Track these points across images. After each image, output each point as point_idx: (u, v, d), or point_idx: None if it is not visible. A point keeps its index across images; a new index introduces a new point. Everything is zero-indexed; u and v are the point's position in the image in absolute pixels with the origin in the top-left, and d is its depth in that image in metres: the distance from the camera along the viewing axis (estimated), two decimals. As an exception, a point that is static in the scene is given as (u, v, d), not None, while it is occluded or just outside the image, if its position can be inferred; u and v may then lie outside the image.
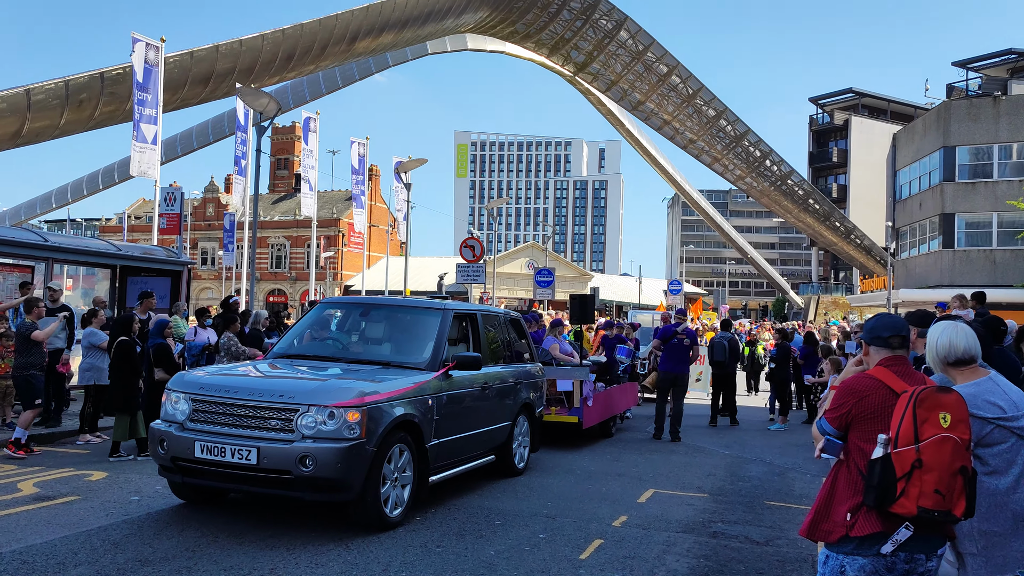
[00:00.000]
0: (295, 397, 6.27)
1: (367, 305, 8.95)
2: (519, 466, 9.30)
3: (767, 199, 63.30)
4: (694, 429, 14.45)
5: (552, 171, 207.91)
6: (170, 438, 6.47)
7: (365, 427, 6.25)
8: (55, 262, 14.14)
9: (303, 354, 7.90)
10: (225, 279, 62.49)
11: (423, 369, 7.43)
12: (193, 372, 7.20)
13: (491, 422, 8.55)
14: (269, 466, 6.10)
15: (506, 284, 61.76)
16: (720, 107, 52.94)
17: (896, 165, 44.30)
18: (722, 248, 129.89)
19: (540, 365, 10.44)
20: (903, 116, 67.35)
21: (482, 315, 9.05)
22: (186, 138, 49.63)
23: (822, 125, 74.78)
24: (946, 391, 3.20)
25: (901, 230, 43.24)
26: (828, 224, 61.54)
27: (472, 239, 23.00)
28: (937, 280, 37.44)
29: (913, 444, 3.12)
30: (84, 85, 26.70)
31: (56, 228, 73.11)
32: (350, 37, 37.46)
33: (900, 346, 3.42)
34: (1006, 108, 36.48)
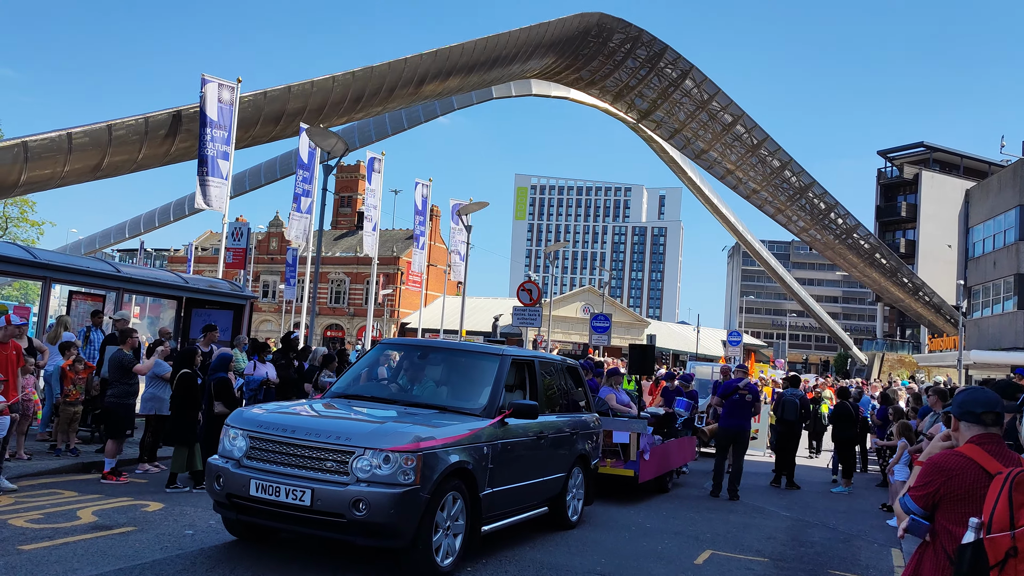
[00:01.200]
0: (351, 439, 6.22)
1: (426, 347, 8.87)
2: (572, 519, 9.06)
3: (831, 252, 62.08)
4: (753, 488, 14.00)
5: (611, 216, 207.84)
6: (227, 474, 6.46)
7: (420, 473, 6.17)
8: (125, 292, 14.52)
9: (360, 394, 7.87)
10: (285, 312, 63.56)
11: (479, 415, 7.33)
12: (252, 409, 7.19)
13: (545, 472, 8.35)
14: (322, 508, 6.03)
15: (561, 328, 61.50)
16: (785, 158, 52.37)
17: (969, 222, 43.12)
18: (783, 300, 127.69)
19: (597, 415, 10.22)
20: (976, 172, 65.73)
21: (540, 362, 8.91)
22: (255, 174, 50.99)
23: (891, 179, 73.38)
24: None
25: (973, 289, 41.89)
26: (895, 280, 59.99)
27: (530, 283, 22.99)
28: (1012, 342, 36.05)
29: (1009, 530, 2.91)
30: (163, 122, 27.67)
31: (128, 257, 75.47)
32: (418, 80, 38.20)
33: (993, 423, 3.22)
34: (1086, 167, 35.30)
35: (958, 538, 3.04)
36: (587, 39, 44.24)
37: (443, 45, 37.77)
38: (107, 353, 11.77)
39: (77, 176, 28.15)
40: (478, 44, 38.48)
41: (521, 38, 40.02)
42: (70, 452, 11.18)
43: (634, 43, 45.79)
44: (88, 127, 26.76)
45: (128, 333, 11.12)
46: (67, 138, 26.12)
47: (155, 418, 10.84)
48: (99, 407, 11.95)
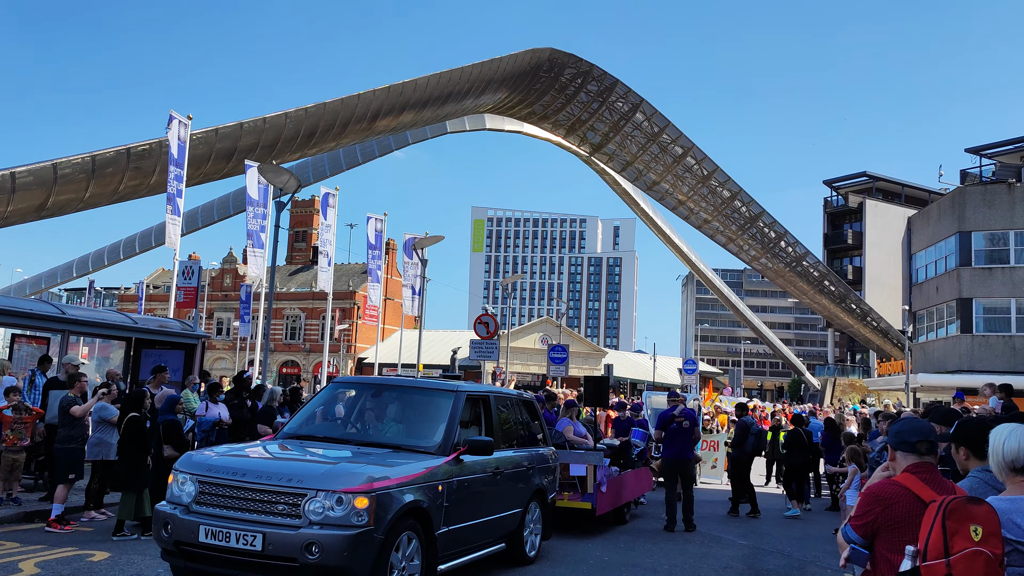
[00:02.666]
0: (303, 481, 6.14)
1: (379, 385, 8.82)
2: (530, 555, 9.01)
3: (782, 280, 63.25)
4: (710, 516, 14.10)
5: (567, 247, 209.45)
6: (175, 521, 6.31)
7: (374, 514, 6.09)
8: (71, 334, 14.21)
9: (313, 435, 7.78)
10: (239, 349, 62.60)
11: (434, 453, 7.28)
12: (202, 452, 7.07)
13: (502, 509, 8.32)
14: (274, 553, 5.93)
15: (519, 359, 61.51)
16: (735, 188, 53.41)
17: (912, 249, 44.33)
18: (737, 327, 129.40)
19: (553, 449, 10.20)
20: (917, 200, 67.71)
21: (495, 397, 8.90)
22: (207, 211, 50.45)
23: (836, 207, 75.20)
24: (977, 502, 3.09)
25: (918, 314, 42.97)
26: (844, 306, 61.27)
27: (487, 315, 23.04)
28: (956, 365, 36.99)
29: (943, 557, 2.99)
30: (111, 160, 27.30)
31: (76, 297, 73.87)
32: (371, 116, 38.31)
33: (927, 452, 3.33)
34: (1021, 195, 36.64)
35: (896, 566, 3.12)
36: (539, 74, 44.86)
37: (397, 81, 38.00)
38: (51, 398, 11.50)
39: (21, 216, 27.59)
40: (431, 80, 38.78)
41: (474, 73, 40.44)
42: (12, 501, 10.85)
43: (585, 77, 46.53)
44: (32, 166, 26.31)
45: (76, 377, 10.91)
46: (10, 177, 25.64)
47: (102, 463, 10.58)
48: (43, 453, 11.65)
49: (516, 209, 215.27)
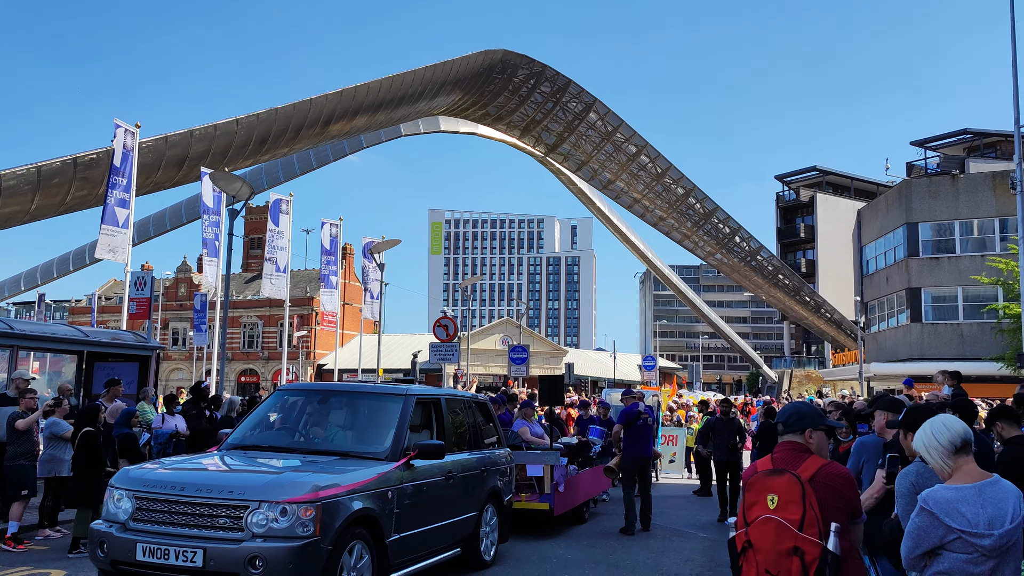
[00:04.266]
0: (245, 493, 5.95)
1: (326, 391, 8.67)
2: (487, 558, 8.88)
3: (737, 275, 64.18)
4: (672, 511, 14.26)
5: (525, 247, 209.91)
6: (110, 540, 6.06)
7: (320, 524, 5.93)
8: (20, 349, 13.89)
9: (258, 444, 7.56)
10: (196, 359, 61.66)
11: (383, 459, 7.11)
12: (140, 467, 6.81)
13: (456, 513, 8.18)
14: (216, 569, 5.73)
15: (480, 360, 61.53)
16: (688, 185, 54.06)
17: (862, 240, 45.28)
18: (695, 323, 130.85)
19: (508, 451, 10.12)
20: (866, 193, 69.16)
21: (446, 399, 8.75)
22: (159, 220, 49.65)
23: (788, 202, 76.49)
24: (778, 473, 3.31)
25: (870, 304, 43.91)
26: (798, 299, 62.35)
27: (446, 318, 22.97)
28: (907, 354, 37.88)
29: (744, 527, 3.27)
30: (57, 171, 26.74)
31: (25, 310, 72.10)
32: (324, 121, 38.05)
33: (783, 432, 3.55)
34: (964, 186, 37.66)
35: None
36: (492, 75, 44.94)
37: (349, 85, 37.78)
38: (1, 415, 11.23)
39: (-35, 229, 26.89)
40: (384, 83, 38.63)
41: (427, 76, 40.37)
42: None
43: (538, 78, 46.73)
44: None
45: (24, 392, 10.68)
46: (-47, 190, 24.99)
47: (55, 480, 10.38)
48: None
49: (474, 211, 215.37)
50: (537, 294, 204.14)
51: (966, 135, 56.45)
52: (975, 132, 56.04)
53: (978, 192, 37.00)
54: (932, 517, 3.48)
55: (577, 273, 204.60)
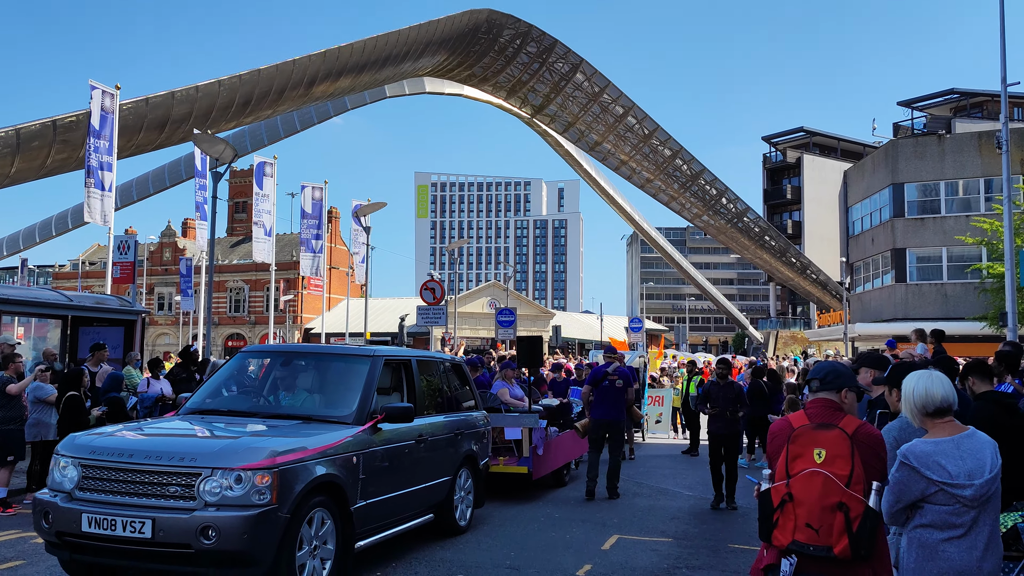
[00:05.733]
0: (197, 460, 5.64)
1: (290, 353, 8.38)
2: (462, 524, 8.63)
3: (724, 236, 64.28)
4: (657, 469, 14.42)
5: (512, 211, 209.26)
6: (55, 510, 5.77)
7: (277, 491, 5.64)
8: (4, 314, 13.79)
9: (217, 409, 7.22)
10: (183, 324, 61.49)
11: (348, 423, 6.79)
12: (87, 433, 6.48)
13: (428, 478, 7.89)
14: (166, 539, 5.45)
15: (468, 324, 61.60)
16: (676, 147, 53.87)
17: (848, 201, 45.38)
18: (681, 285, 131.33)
19: (485, 413, 9.80)
20: (852, 154, 69.17)
21: (417, 361, 8.41)
22: (142, 183, 49.10)
23: (775, 163, 76.44)
24: (827, 427, 3.29)
25: (855, 265, 44.14)
26: (784, 260, 62.60)
27: (433, 281, 22.95)
28: (891, 314, 38.19)
29: (785, 479, 3.25)
30: (36, 133, 26.31)
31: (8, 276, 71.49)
32: (307, 82, 37.56)
33: (819, 389, 3.53)
34: (950, 146, 37.69)
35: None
36: (477, 36, 44.40)
37: (333, 46, 37.24)
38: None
39: (-56, 193, 26.52)
40: (368, 43, 38.10)
41: (411, 36, 39.83)
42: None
43: (524, 38, 46.21)
44: (-47, 141, 25.24)
45: (11, 357, 10.60)
46: (-70, 153, 24.58)
47: (41, 444, 10.37)
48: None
49: (460, 173, 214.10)
50: (524, 257, 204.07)
51: (953, 95, 56.38)
52: (962, 92, 55.97)
53: (964, 152, 37.06)
54: (912, 471, 3.52)
55: (564, 236, 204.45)
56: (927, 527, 3.54)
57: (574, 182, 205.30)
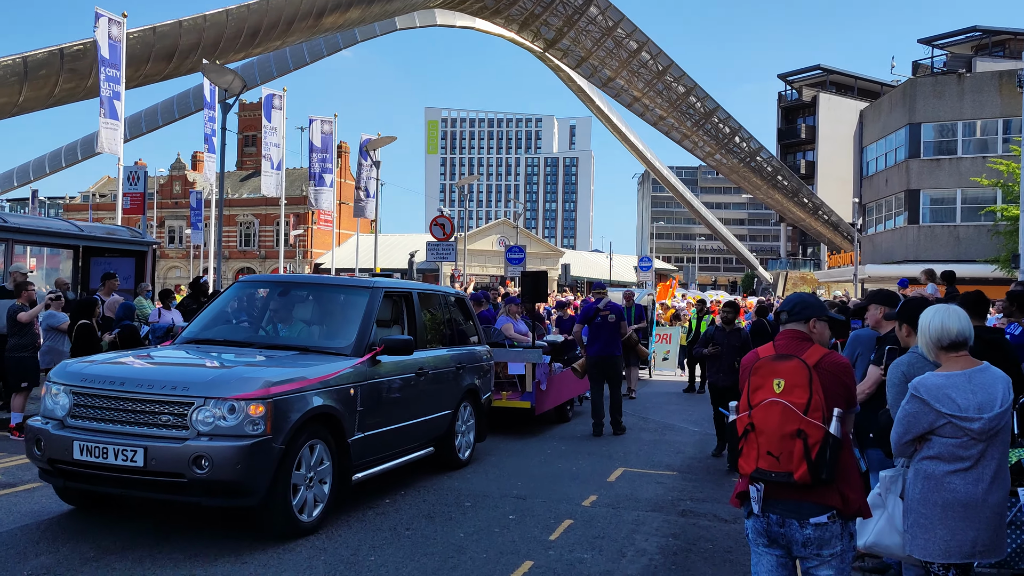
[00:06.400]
0: (189, 389, 5.57)
1: (288, 283, 8.19)
2: (463, 457, 8.61)
3: (736, 176, 63.64)
4: (664, 405, 14.55)
5: (523, 148, 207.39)
6: (47, 437, 5.73)
7: (271, 422, 5.56)
8: (15, 243, 13.82)
9: (213, 339, 7.10)
10: (193, 258, 61.72)
11: (346, 355, 6.69)
12: (80, 360, 6.41)
13: (428, 411, 7.82)
14: (158, 468, 5.41)
15: (477, 261, 61.64)
16: (690, 84, 52.96)
17: (863, 142, 44.73)
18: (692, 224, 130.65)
19: (488, 348, 9.69)
20: (870, 93, 67.90)
21: (418, 294, 8.27)
22: (151, 115, 48.73)
23: (790, 102, 75.19)
24: (786, 359, 3.34)
25: (868, 206, 43.74)
26: (796, 200, 62.06)
27: (442, 217, 22.85)
28: (902, 256, 37.99)
29: (747, 410, 3.33)
30: (43, 61, 26.02)
31: (19, 207, 71.57)
32: (316, 12, 36.86)
33: (787, 320, 3.56)
34: (970, 85, 36.94)
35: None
36: (490, -35, 43.35)
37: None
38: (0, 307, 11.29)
39: (-48, 122, 26.41)
40: (378, -28, 37.26)
41: (422, -35, 38.91)
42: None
43: (538, -31, 45.08)
44: (-40, 69, 25.01)
45: (24, 285, 10.68)
46: (-62, 81, 24.39)
47: (56, 372, 10.50)
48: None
49: (471, 109, 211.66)
50: (534, 195, 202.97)
51: (975, 33, 54.99)
52: (984, 30, 54.56)
53: (983, 92, 36.33)
54: (923, 403, 3.54)
55: (575, 174, 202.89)
56: (934, 459, 3.58)
57: (586, 119, 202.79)
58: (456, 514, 6.79)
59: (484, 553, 5.77)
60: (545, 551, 5.88)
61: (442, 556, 5.67)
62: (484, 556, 5.70)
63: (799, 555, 3.30)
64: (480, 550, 5.83)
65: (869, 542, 3.96)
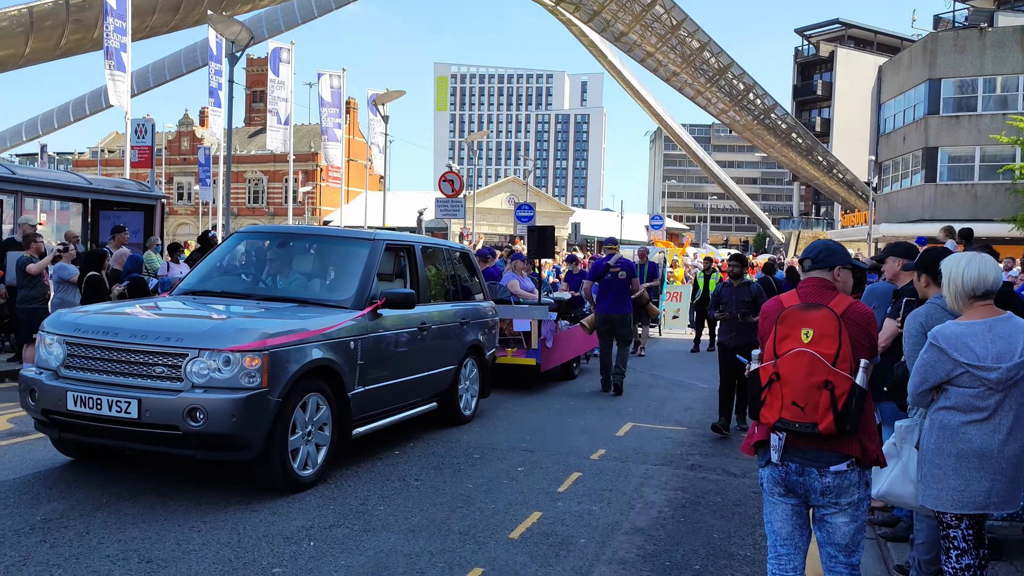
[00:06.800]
0: (184, 340, 5.46)
1: (288, 235, 8.09)
2: (466, 413, 8.54)
3: (750, 133, 62.87)
4: (673, 362, 14.52)
5: (534, 104, 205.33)
6: (41, 387, 5.67)
7: (267, 374, 5.46)
8: (25, 195, 13.80)
9: (211, 290, 7.00)
10: (202, 214, 61.74)
11: (347, 307, 6.59)
12: (75, 310, 6.33)
13: (431, 366, 7.75)
14: (152, 420, 5.35)
15: (486, 219, 61.41)
16: (704, 39, 52.06)
17: (881, 98, 44.01)
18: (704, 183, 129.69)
19: (492, 304, 9.64)
20: (890, 48, 66.68)
21: (422, 247, 8.15)
22: (158, 69, 48.34)
23: (807, 57, 73.93)
24: (814, 308, 3.25)
25: (884, 164, 43.19)
26: (810, 159, 61.34)
27: (451, 173, 22.68)
28: (918, 215, 37.58)
29: (772, 359, 3.25)
30: (49, 12, 25.75)
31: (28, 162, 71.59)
32: (325, -37, 36.31)
33: (809, 268, 3.45)
34: (992, 40, 36.15)
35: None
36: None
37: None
38: (8, 259, 11.30)
39: (-41, 74, 26.24)
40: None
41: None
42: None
43: (550, -80, 44.14)
44: (-35, 20, 24.78)
45: (33, 237, 10.68)
46: (-57, 33, 24.17)
47: (66, 324, 10.51)
48: (7, 315, 11.55)
49: (481, 65, 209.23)
50: (545, 153, 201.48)
51: (999, -14, 53.67)
52: (1008, -17, 53.24)
53: (1005, 47, 35.55)
54: (941, 352, 3.46)
55: (586, 131, 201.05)
56: (950, 409, 3.50)
57: (598, 76, 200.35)
58: (465, 466, 6.79)
59: (493, 504, 5.76)
60: (554, 502, 5.87)
61: (451, 506, 5.66)
62: (493, 507, 5.69)
63: (816, 504, 3.25)
64: (489, 501, 5.83)
65: (882, 491, 3.91)
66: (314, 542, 4.87)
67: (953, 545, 3.56)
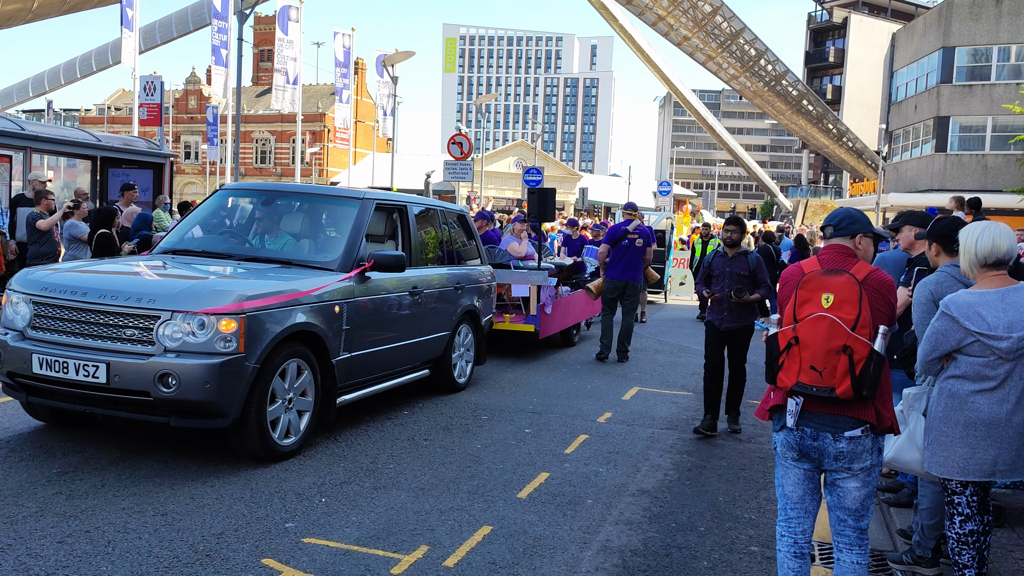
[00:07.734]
0: (156, 301, 5.16)
1: (273, 192, 7.68)
2: (460, 381, 8.25)
3: (760, 100, 62.29)
4: (679, 328, 14.57)
5: (543, 68, 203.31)
6: (5, 349, 5.40)
7: (244, 339, 5.18)
8: (33, 152, 13.80)
9: (191, 250, 6.67)
10: (210, 174, 61.58)
11: (332, 270, 6.28)
12: (43, 268, 6.05)
13: (423, 332, 7.43)
14: (122, 386, 5.09)
15: (494, 183, 61.17)
16: (716, 3, 51.41)
17: (894, 66, 43.49)
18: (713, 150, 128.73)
19: (490, 268, 9.20)
20: (904, 15, 65.77)
21: (414, 208, 7.75)
22: (165, 26, 47.97)
23: (820, 23, 73.00)
24: (836, 273, 3.26)
25: (894, 133, 42.81)
26: (821, 126, 60.83)
27: (460, 135, 22.55)
28: (927, 184, 37.35)
29: (792, 323, 3.27)
30: (55, -33, 25.52)
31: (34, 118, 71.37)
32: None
33: (831, 235, 3.46)
34: (1008, 8, 35.61)
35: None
36: None
37: None
38: (19, 215, 11.33)
39: (-35, 29, 26.06)
40: None
41: None
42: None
43: None
44: (-28, -26, 24.56)
45: (43, 193, 10.69)
46: (-51, -13, 23.98)
47: (77, 281, 10.57)
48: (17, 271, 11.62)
49: (490, 26, 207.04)
50: (553, 117, 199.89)
51: (1018, -47, 52.71)
52: (1028, -50, 52.27)
53: (1022, 15, 35.05)
54: (952, 321, 3.48)
55: (595, 96, 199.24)
56: (959, 378, 3.53)
57: (608, 39, 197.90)
58: (473, 426, 6.87)
59: (501, 464, 5.84)
60: (561, 464, 5.95)
61: (459, 465, 5.74)
62: (501, 467, 5.77)
63: (829, 468, 3.29)
64: (497, 461, 5.90)
65: (888, 457, 3.96)
66: (325, 498, 4.96)
67: (958, 511, 3.61)
